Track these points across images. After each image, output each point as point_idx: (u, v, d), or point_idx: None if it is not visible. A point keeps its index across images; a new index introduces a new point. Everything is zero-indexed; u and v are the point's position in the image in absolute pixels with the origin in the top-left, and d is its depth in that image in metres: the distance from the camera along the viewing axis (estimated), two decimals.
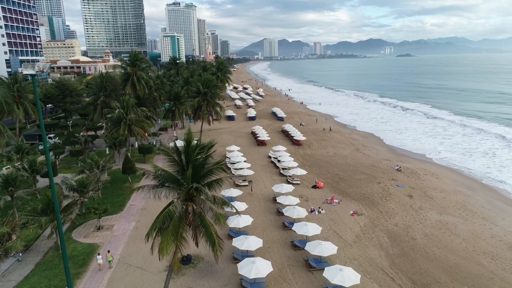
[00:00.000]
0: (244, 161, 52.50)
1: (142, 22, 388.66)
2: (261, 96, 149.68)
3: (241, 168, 48.75)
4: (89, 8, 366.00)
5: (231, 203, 35.10)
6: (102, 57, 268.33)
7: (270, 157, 59.73)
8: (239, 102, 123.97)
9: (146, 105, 65.59)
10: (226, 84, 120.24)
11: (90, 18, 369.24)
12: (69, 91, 79.98)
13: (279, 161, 55.10)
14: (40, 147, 63.25)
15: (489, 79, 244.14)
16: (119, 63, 64.27)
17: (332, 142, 73.21)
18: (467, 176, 54.79)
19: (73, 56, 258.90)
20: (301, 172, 47.48)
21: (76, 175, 41.88)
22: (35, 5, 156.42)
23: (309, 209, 38.82)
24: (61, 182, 37.12)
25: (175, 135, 74.75)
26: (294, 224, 32.40)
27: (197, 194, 18.70)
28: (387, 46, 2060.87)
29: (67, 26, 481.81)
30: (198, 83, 54.42)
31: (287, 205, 36.94)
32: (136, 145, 63.81)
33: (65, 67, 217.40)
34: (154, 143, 66.73)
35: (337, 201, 41.88)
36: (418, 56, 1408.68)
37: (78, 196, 35.70)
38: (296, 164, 52.13)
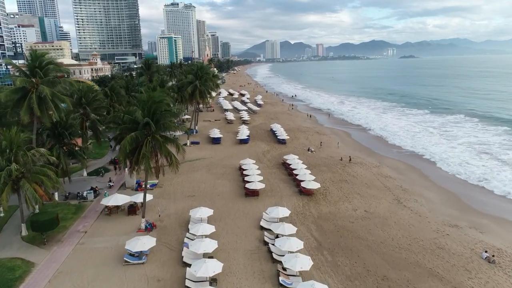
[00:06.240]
0: (214, 251, 28.76)
1: (136, 23, 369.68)
2: (259, 105, 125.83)
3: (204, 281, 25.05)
4: (80, 8, 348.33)
5: None
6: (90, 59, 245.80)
7: (262, 228, 35.70)
8: (231, 116, 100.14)
9: (69, 136, 41.66)
10: (220, 90, 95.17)
11: (82, 19, 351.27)
12: None
13: (274, 244, 31.12)
14: None
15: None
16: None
17: (357, 185, 49.25)
18: None
19: (62, 59, 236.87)
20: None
21: None
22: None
23: None
24: None
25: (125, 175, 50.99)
26: None
27: None
28: (389, 47, 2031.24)
29: (60, 27, 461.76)
30: (136, 108, 30.49)
31: None
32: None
33: None
34: (85, 195, 42.67)
35: None
36: (422, 57, 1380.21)
37: None
38: (308, 261, 27.72)
